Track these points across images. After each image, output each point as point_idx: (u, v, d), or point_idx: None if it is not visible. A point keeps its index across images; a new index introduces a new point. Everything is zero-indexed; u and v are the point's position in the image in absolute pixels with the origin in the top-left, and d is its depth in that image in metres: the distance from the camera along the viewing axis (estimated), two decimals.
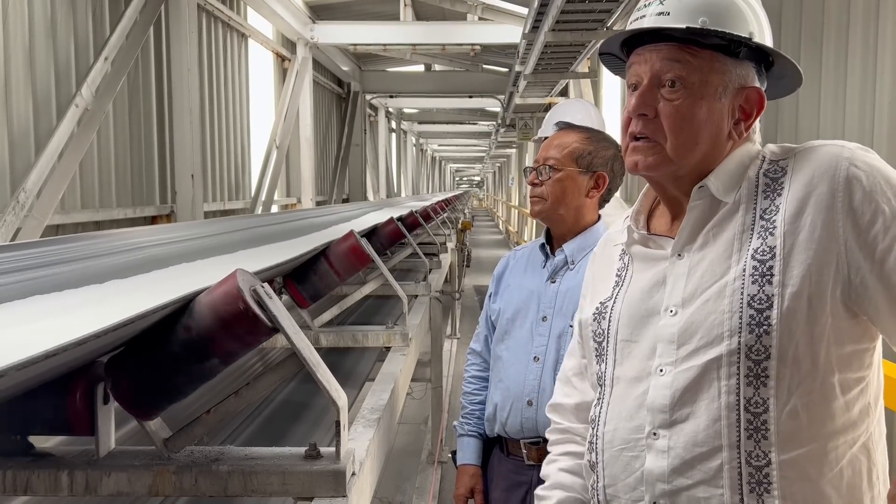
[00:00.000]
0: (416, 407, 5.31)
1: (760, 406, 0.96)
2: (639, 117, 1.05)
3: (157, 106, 5.54)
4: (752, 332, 0.97)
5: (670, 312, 1.04)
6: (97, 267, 1.64)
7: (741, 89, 1.05)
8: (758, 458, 0.96)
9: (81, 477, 1.06)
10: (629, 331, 1.10)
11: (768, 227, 1.00)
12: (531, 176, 1.81)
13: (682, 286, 1.04)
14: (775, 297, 0.96)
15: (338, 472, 1.05)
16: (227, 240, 2.52)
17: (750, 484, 0.96)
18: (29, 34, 3.99)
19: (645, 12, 1.06)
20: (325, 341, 2.19)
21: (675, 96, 1.03)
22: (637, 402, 1.06)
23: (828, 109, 3.06)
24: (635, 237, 1.14)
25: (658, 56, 1.05)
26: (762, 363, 0.96)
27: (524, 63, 7.37)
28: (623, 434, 1.07)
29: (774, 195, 1.02)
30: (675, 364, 1.02)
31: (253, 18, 8.04)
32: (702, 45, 1.03)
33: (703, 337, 1.00)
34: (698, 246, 1.05)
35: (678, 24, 1.02)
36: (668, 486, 1.01)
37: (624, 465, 1.07)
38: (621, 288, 1.15)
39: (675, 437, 1.01)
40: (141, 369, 1.04)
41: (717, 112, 1.04)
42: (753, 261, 0.99)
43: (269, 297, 1.04)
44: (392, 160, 18.23)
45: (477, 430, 1.94)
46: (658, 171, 1.07)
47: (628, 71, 1.10)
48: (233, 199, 7.38)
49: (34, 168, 3.78)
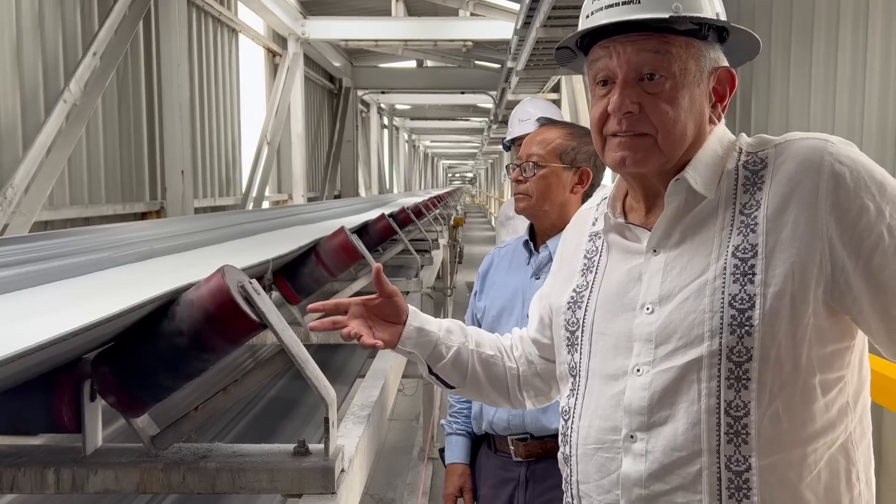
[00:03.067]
0: (408, 403, 5.31)
1: (741, 409, 0.94)
2: (624, 115, 1.00)
3: (146, 101, 5.50)
4: (733, 332, 0.94)
5: (647, 310, 1.01)
6: (84, 263, 1.63)
7: (713, 71, 1.03)
8: (738, 462, 0.94)
9: (68, 474, 1.05)
10: (604, 324, 1.06)
11: (749, 224, 0.97)
12: (515, 173, 1.80)
13: (658, 282, 1.01)
14: (757, 297, 0.93)
15: (327, 468, 1.04)
16: (217, 235, 2.50)
17: (729, 489, 0.94)
18: (16, 28, 3.95)
19: (611, 0, 1.00)
20: (315, 338, 2.18)
21: (658, 89, 0.99)
22: (613, 401, 1.03)
23: (818, 105, 3.07)
24: (612, 224, 1.10)
25: (634, 48, 0.99)
26: (743, 365, 0.94)
27: (516, 59, 7.36)
28: (598, 433, 1.04)
29: (755, 189, 0.99)
30: (653, 364, 0.99)
31: (243, 13, 7.99)
32: (676, 32, 0.99)
33: (682, 337, 0.97)
34: (675, 242, 1.02)
35: (654, 14, 0.97)
36: (645, 490, 0.99)
37: (599, 465, 1.04)
38: (595, 276, 1.11)
39: (653, 440, 0.98)
40: (128, 366, 1.03)
41: (698, 99, 1.01)
42: (734, 258, 0.96)
43: (256, 294, 1.03)
44: (384, 156, 18.19)
45: (465, 429, 1.94)
46: (647, 167, 1.02)
47: (593, 65, 1.05)
48: (223, 195, 7.34)
49: (22, 164, 3.74)
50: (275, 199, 9.12)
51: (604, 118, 1.03)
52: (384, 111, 17.99)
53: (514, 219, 2.92)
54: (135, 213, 5.27)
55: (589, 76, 1.08)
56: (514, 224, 2.91)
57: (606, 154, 1.05)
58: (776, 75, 3.40)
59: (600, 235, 1.14)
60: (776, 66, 3.39)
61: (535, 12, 5.51)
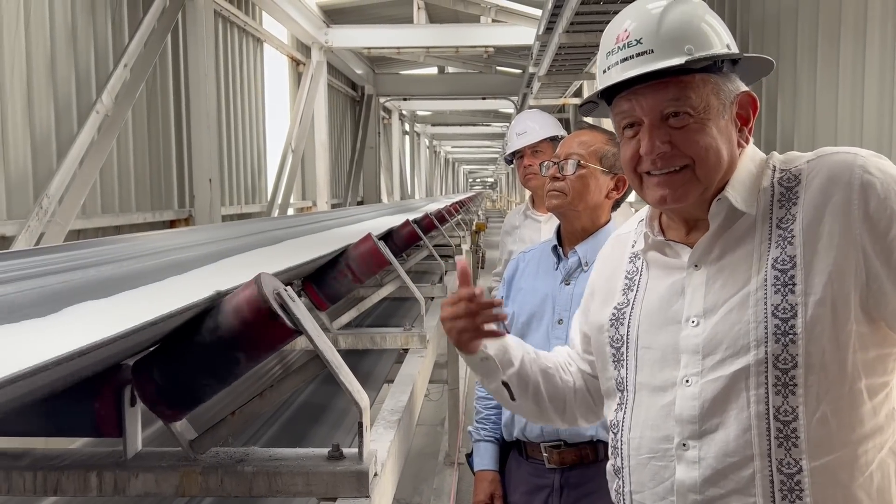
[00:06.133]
0: (433, 409, 5.32)
1: (790, 414, 0.97)
2: (658, 156, 1.04)
3: (174, 111, 5.60)
4: (777, 341, 0.97)
5: (692, 323, 1.05)
6: (120, 270, 1.67)
7: (734, 99, 1.06)
8: (789, 465, 0.97)
9: (110, 478, 1.08)
10: (649, 337, 1.10)
11: (786, 237, 1.00)
12: (552, 170, 1.78)
13: (701, 296, 1.05)
14: (799, 306, 0.97)
15: (360, 472, 1.06)
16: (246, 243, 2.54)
17: (782, 491, 0.97)
18: (50, 42, 4.05)
19: (626, 53, 1.04)
20: (343, 343, 2.21)
21: (685, 123, 1.03)
22: (664, 412, 1.06)
23: (845, 112, 3.03)
24: (652, 242, 1.14)
25: (654, 95, 1.04)
26: (790, 372, 0.97)
27: (538, 65, 7.37)
28: (650, 443, 1.07)
29: (790, 204, 1.02)
30: (702, 375, 1.02)
31: (268, 23, 8.10)
32: (692, 71, 1.03)
33: (728, 347, 1.01)
34: (715, 257, 1.05)
35: (669, 61, 1.01)
36: (701, 496, 1.02)
37: (652, 473, 1.07)
38: (637, 293, 1.14)
39: (705, 447, 1.02)
40: (167, 371, 1.06)
41: (725, 128, 1.05)
42: (774, 270, 1.00)
43: (291, 300, 1.06)
44: (406, 162, 18.26)
45: (493, 435, 1.93)
46: (688, 200, 1.05)
47: (618, 113, 1.09)
48: (249, 202, 7.43)
49: (56, 174, 3.83)
50: (299, 206, 9.20)
51: (636, 158, 1.08)
52: (406, 117, 18.07)
53: (521, 228, 2.92)
54: (164, 221, 5.36)
55: (614, 122, 1.12)
56: (520, 233, 2.90)
57: (646, 192, 1.09)
58: (802, 78, 3.36)
59: (640, 256, 1.17)
60: (802, 69, 3.36)
61: (557, 18, 5.52)
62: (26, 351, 0.75)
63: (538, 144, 2.76)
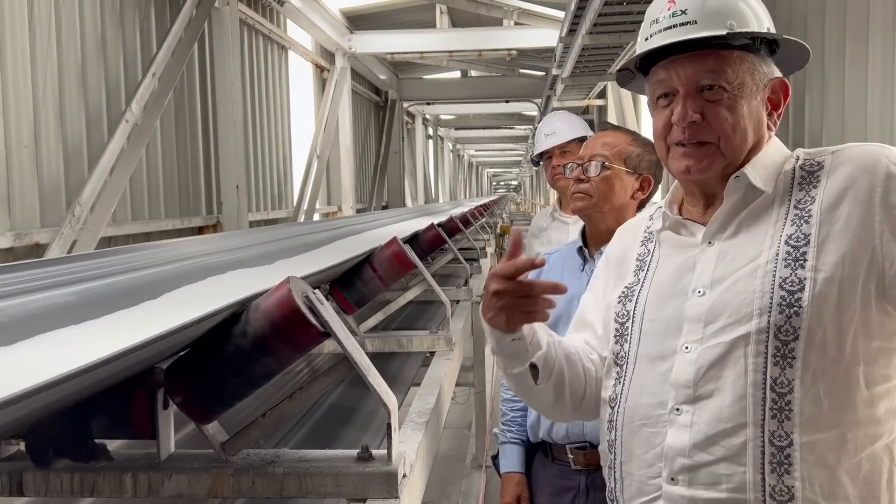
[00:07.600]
0: (460, 411, 5.32)
1: (786, 386, 0.97)
2: (688, 125, 1.06)
3: (202, 119, 5.68)
4: (781, 312, 0.98)
5: (698, 293, 1.05)
6: (153, 276, 1.70)
7: (768, 83, 1.08)
8: (780, 438, 0.97)
9: (144, 479, 1.10)
10: (656, 309, 1.10)
11: (803, 216, 1.01)
12: (577, 171, 1.78)
13: (710, 269, 1.06)
14: (807, 280, 0.97)
15: (390, 473, 1.07)
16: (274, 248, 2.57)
17: (772, 463, 0.97)
18: (81, 53, 4.13)
19: (669, 22, 1.07)
20: (370, 346, 2.23)
21: (718, 97, 1.05)
22: (661, 378, 1.06)
23: (875, 107, 2.99)
24: (668, 223, 1.15)
25: (693, 65, 1.06)
26: (790, 343, 0.97)
27: (561, 66, 7.34)
28: (644, 410, 1.07)
29: (810, 187, 1.03)
30: (702, 341, 1.03)
31: (292, 30, 8.18)
32: (731, 47, 1.05)
33: (731, 315, 1.01)
34: (729, 234, 1.07)
35: (711, 32, 1.03)
36: (689, 460, 1.01)
37: (643, 440, 1.06)
38: (647, 272, 1.15)
39: (698, 412, 1.01)
40: (199, 374, 1.08)
41: (755, 109, 1.07)
42: (787, 246, 1.00)
43: (320, 303, 1.07)
44: (430, 166, 18.30)
45: (519, 437, 1.93)
46: (711, 173, 1.08)
47: (654, 82, 1.11)
48: (276, 208, 7.50)
49: (88, 183, 3.91)
50: (325, 211, 9.27)
51: (667, 128, 1.09)
52: (429, 122, 18.12)
53: (548, 230, 2.92)
54: (192, 228, 5.44)
55: (649, 92, 1.14)
56: (547, 235, 2.90)
57: (671, 162, 1.11)
58: (830, 77, 3.32)
59: (653, 238, 1.18)
60: (830, 69, 3.32)
61: (580, 20, 5.50)
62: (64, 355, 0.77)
63: (566, 145, 2.77)
